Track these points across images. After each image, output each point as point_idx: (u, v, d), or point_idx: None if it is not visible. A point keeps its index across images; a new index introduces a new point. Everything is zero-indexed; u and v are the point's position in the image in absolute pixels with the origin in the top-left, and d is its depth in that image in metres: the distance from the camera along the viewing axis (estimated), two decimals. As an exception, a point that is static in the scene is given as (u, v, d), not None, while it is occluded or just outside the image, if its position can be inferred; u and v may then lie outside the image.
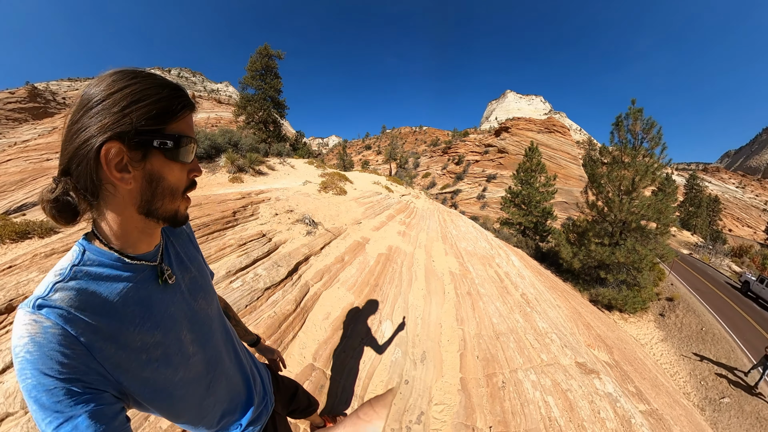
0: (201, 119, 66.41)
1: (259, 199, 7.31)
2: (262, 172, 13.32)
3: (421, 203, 16.81)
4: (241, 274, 4.18)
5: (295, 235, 6.08)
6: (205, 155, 12.30)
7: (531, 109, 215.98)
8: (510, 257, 11.22)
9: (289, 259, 5.05)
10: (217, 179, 11.08)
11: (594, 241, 17.86)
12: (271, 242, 5.39)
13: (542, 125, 59.19)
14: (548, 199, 26.66)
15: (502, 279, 8.16)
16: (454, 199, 55.89)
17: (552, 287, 12.29)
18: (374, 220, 9.35)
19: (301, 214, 7.15)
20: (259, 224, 5.96)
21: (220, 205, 6.07)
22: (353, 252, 6.44)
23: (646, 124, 16.94)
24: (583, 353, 5.97)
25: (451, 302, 5.69)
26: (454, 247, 9.37)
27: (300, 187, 10.43)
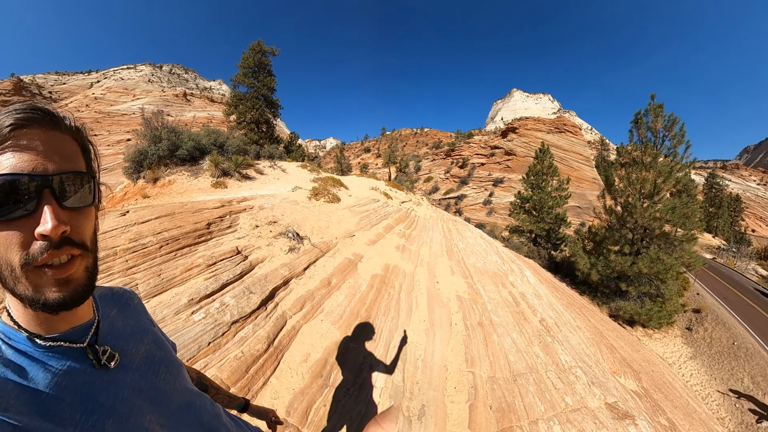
0: (191, 118, 66.48)
1: (239, 208, 6.97)
2: (250, 177, 12.99)
3: (423, 211, 16.30)
4: (206, 303, 3.84)
5: (276, 252, 5.68)
6: (188, 157, 11.82)
7: (539, 108, 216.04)
8: (524, 272, 10.69)
9: (265, 284, 4.63)
10: (199, 184, 10.67)
11: (613, 250, 17.30)
12: (247, 261, 4.98)
13: (552, 125, 58.97)
14: (561, 204, 26.14)
15: (518, 302, 7.64)
16: (459, 204, 55.54)
17: (569, 304, 11.75)
18: (369, 232, 8.86)
19: (285, 226, 6.75)
20: (236, 238, 5.63)
21: (195, 215, 5.75)
22: (343, 273, 5.97)
23: (667, 121, 16.46)
24: (611, 389, 5.45)
25: (459, 337, 5.16)
26: (461, 264, 8.85)
27: (288, 194, 10.07)
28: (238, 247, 5.25)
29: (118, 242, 4.40)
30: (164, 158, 11.29)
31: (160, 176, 10.56)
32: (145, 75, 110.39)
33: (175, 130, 12.27)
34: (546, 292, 10.02)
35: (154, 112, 12.99)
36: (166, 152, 11.28)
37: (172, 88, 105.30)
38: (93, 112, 61.61)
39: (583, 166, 54.18)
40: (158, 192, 9.72)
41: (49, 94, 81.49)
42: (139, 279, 3.88)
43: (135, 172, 10.82)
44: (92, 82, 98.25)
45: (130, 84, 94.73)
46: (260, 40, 29.85)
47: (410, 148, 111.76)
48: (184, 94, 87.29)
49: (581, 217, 48.27)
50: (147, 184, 10.25)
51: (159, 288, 3.84)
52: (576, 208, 48.03)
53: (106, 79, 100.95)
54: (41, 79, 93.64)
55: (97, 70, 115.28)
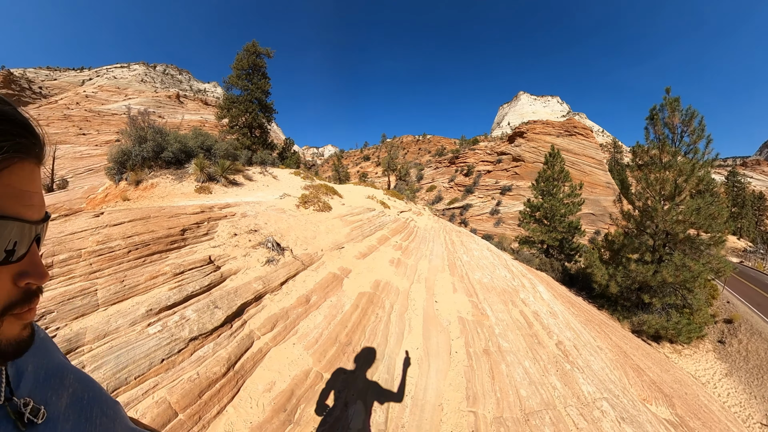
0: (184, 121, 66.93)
1: (220, 215, 6.88)
2: (237, 183, 12.91)
3: (424, 221, 15.83)
4: (165, 315, 3.73)
5: (252, 264, 5.47)
6: (173, 160, 11.80)
7: (547, 111, 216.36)
8: (537, 287, 10.08)
9: (234, 298, 4.43)
10: (182, 188, 10.55)
11: (633, 259, 16.66)
12: (218, 272, 4.84)
13: (562, 128, 58.72)
14: (574, 211, 25.50)
15: (531, 322, 7.05)
16: (464, 215, 54.97)
17: (588, 321, 11.15)
18: (361, 244, 8.46)
19: (266, 236, 6.58)
20: (211, 247, 5.54)
21: (171, 220, 5.69)
22: (324, 290, 5.64)
23: (685, 115, 15.94)
24: (644, 423, 4.88)
25: (460, 368, 4.59)
26: (465, 279, 8.31)
27: (275, 202, 9.98)
28: (211, 257, 5.14)
29: (85, 244, 4.35)
30: (148, 160, 11.29)
31: (143, 179, 10.53)
32: (138, 74, 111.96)
33: (162, 131, 12.27)
34: (561, 309, 9.41)
35: (141, 111, 13.09)
36: (150, 154, 11.27)
37: (165, 89, 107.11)
38: (83, 110, 61.93)
39: (596, 170, 53.72)
40: (139, 195, 9.67)
41: (39, 89, 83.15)
42: (100, 284, 3.80)
43: (117, 173, 10.76)
44: (84, 79, 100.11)
45: (122, 83, 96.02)
46: (255, 41, 30.00)
47: (412, 156, 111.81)
48: (177, 95, 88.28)
49: (596, 225, 47.64)
50: (129, 186, 10.21)
51: (120, 295, 3.76)
52: (590, 215, 47.41)
53: (98, 77, 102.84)
54: (32, 74, 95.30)
55: (90, 67, 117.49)
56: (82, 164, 35.75)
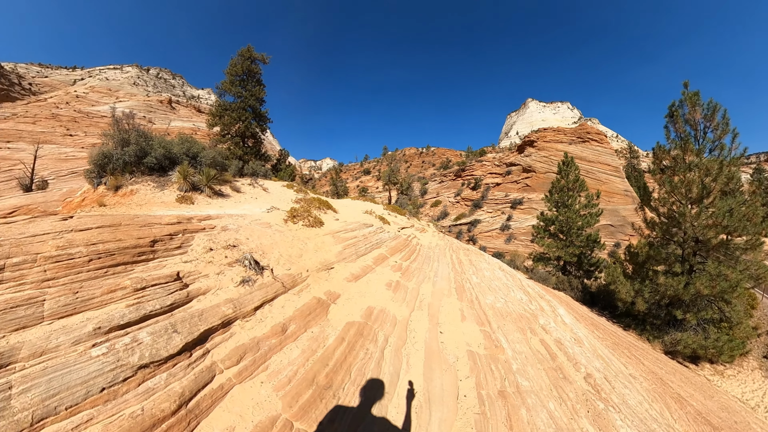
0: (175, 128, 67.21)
1: (198, 227, 6.68)
2: (223, 194, 12.72)
3: (428, 238, 15.26)
4: (115, 336, 3.46)
5: (225, 283, 5.16)
6: (156, 166, 11.72)
7: (557, 118, 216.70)
8: (557, 310, 9.38)
9: (197, 322, 4.11)
10: (163, 197, 10.36)
11: (661, 272, 15.85)
12: (185, 291, 4.58)
13: (574, 134, 58.47)
14: (592, 223, 24.74)
15: (554, 354, 6.36)
16: (472, 231, 54.34)
17: (615, 345, 10.42)
18: (354, 265, 7.90)
19: (246, 252, 6.25)
20: (181, 261, 5.32)
21: (142, 230, 5.50)
22: (305, 318, 5.12)
23: (707, 109, 15.30)
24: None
25: (470, 416, 3.92)
26: (475, 305, 7.67)
27: (261, 215, 9.74)
28: (179, 273, 4.94)
29: (43, 248, 4.18)
30: (130, 165, 11.27)
31: (122, 184, 10.44)
32: (131, 77, 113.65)
33: (146, 135, 12.35)
34: (586, 333, 8.71)
35: (126, 113, 13.16)
36: (132, 158, 11.26)
37: (158, 93, 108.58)
38: (72, 111, 62.13)
39: (613, 177, 53.14)
40: (117, 201, 9.56)
41: (29, 85, 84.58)
42: (50, 294, 3.58)
43: (97, 177, 10.68)
44: (76, 78, 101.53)
45: (114, 85, 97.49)
46: (250, 45, 30.25)
47: (415, 169, 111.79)
48: (169, 100, 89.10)
49: (615, 237, 46.88)
50: (108, 191, 10.12)
51: (70, 309, 3.53)
52: (608, 226, 46.66)
53: (90, 77, 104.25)
54: (23, 69, 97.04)
55: (83, 67, 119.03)
56: (66, 166, 35.86)
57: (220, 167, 14.61)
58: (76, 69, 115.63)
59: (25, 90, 79.65)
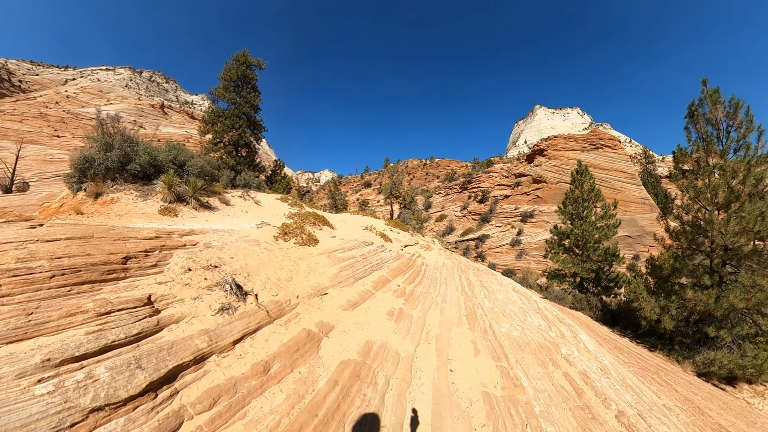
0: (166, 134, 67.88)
1: (177, 243, 6.46)
2: (210, 206, 12.63)
3: (434, 257, 14.99)
4: (67, 370, 3.13)
5: (202, 310, 4.87)
6: (140, 174, 11.76)
7: (567, 124, 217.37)
8: (578, 336, 9.02)
9: (165, 357, 3.80)
10: (145, 207, 10.25)
11: (688, 285, 15.46)
12: (155, 318, 4.29)
13: (586, 141, 58.44)
14: (610, 235, 24.40)
15: (580, 389, 6.01)
16: (480, 247, 53.96)
17: (643, 370, 10.07)
18: (351, 289, 7.60)
19: (229, 274, 5.97)
20: (156, 282, 5.08)
21: (115, 244, 5.32)
22: (292, 355, 4.76)
23: (729, 107, 15.12)
24: None
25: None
26: (489, 334, 7.36)
27: (250, 231, 9.52)
28: (151, 296, 4.67)
29: (3, 260, 3.98)
30: (113, 171, 11.22)
31: (103, 191, 10.42)
32: (123, 79, 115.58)
33: (131, 140, 12.21)
34: (611, 360, 8.35)
35: (112, 115, 13.13)
36: (116, 164, 11.22)
37: (150, 97, 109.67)
38: (61, 111, 63.02)
39: (629, 185, 52.94)
40: (96, 210, 9.44)
41: (18, 82, 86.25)
42: (1, 314, 3.34)
43: (78, 182, 10.64)
44: (67, 78, 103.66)
45: (106, 86, 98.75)
46: (245, 50, 30.54)
47: (418, 182, 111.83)
48: (161, 105, 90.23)
49: (633, 248, 46.44)
50: (87, 198, 10.08)
51: (20, 333, 3.27)
52: (625, 237, 46.25)
53: (82, 77, 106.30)
54: (13, 65, 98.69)
55: (75, 66, 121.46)
56: (51, 168, 36.30)
57: (210, 177, 14.59)
58: (68, 68, 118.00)
59: (15, 87, 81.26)
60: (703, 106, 15.81)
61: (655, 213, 49.43)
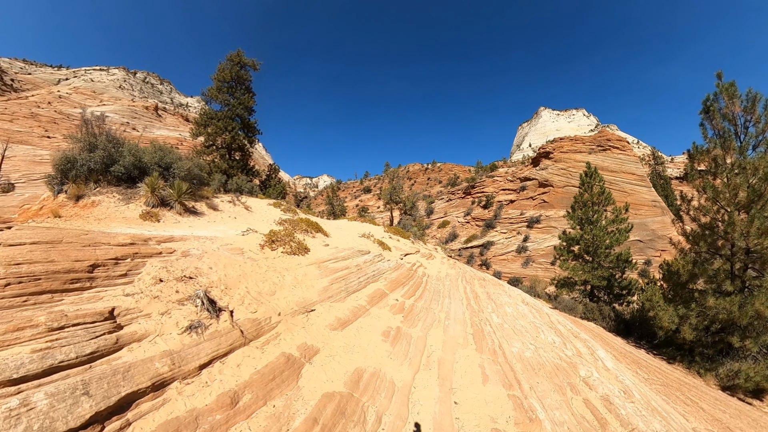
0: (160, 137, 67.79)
1: (153, 251, 6.19)
2: (196, 211, 12.31)
3: (436, 266, 14.48)
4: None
5: (168, 328, 4.47)
6: (125, 176, 11.62)
7: (572, 126, 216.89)
8: (596, 353, 8.39)
9: (119, 382, 3.39)
10: (127, 212, 10.01)
11: (709, 291, 14.85)
12: (114, 336, 3.91)
13: (593, 142, 58.14)
14: (622, 240, 23.81)
15: (604, 420, 5.39)
16: (485, 254, 53.38)
17: (664, 386, 9.52)
18: (342, 305, 7.08)
19: (204, 286, 5.58)
20: (123, 294, 4.79)
21: (84, 251, 5.06)
22: (267, 385, 4.24)
23: (746, 101, 14.72)
24: None
25: None
26: (498, 356, 6.80)
27: (235, 239, 9.20)
28: (115, 309, 4.34)
29: None
30: (96, 172, 11.07)
31: (84, 194, 10.25)
32: (117, 80, 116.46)
33: (116, 141, 12.21)
34: (632, 378, 7.75)
35: (97, 115, 13.17)
36: (99, 165, 11.08)
37: (144, 98, 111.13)
38: (53, 111, 63.51)
39: (639, 187, 52.56)
40: (75, 213, 9.19)
41: (11, 81, 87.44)
42: None
43: (59, 183, 10.49)
44: (60, 78, 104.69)
45: (99, 87, 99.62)
46: (240, 50, 30.49)
47: (420, 187, 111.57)
48: (155, 107, 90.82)
49: (645, 253, 45.90)
50: (68, 200, 9.88)
51: None
52: (636, 242, 45.64)
53: (75, 77, 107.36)
54: (5, 63, 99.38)
55: (68, 66, 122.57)
56: (40, 169, 36.02)
57: (198, 181, 14.32)
58: (62, 68, 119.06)
59: (7, 86, 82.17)
60: (719, 100, 15.41)
61: (666, 216, 48.95)
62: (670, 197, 67.53)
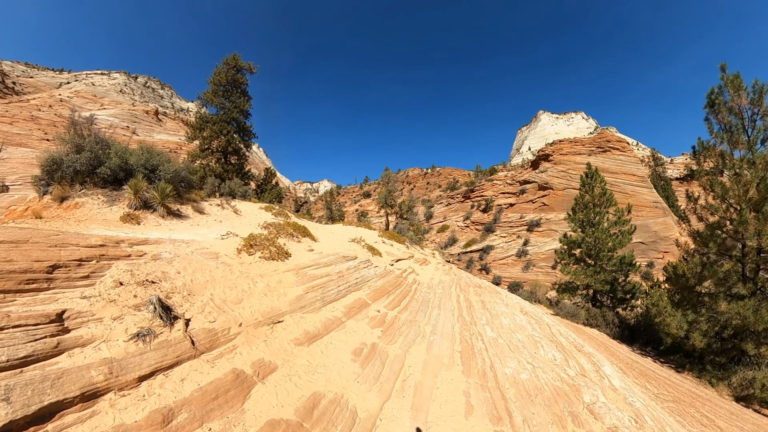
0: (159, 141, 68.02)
1: (122, 253, 5.94)
2: (180, 214, 12.14)
3: (429, 273, 13.75)
4: None
5: (116, 334, 4.18)
6: (111, 178, 11.48)
7: (571, 129, 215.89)
8: (601, 369, 7.51)
9: (44, 390, 3.14)
10: (108, 214, 9.83)
11: (722, 295, 13.99)
12: (55, 339, 3.69)
13: (593, 144, 57.65)
14: (625, 242, 23.00)
15: None
16: (484, 259, 52.65)
17: (677, 402, 8.79)
18: (315, 317, 6.36)
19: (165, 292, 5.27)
20: (79, 296, 4.57)
21: (48, 251, 4.89)
22: (207, 404, 3.72)
23: (753, 93, 14.01)
24: None
25: None
26: (488, 379, 5.97)
27: (213, 242, 8.87)
28: (65, 312, 4.12)
29: None
30: (82, 174, 10.97)
31: (69, 195, 10.15)
32: (118, 84, 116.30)
33: (103, 142, 12.09)
34: (642, 398, 6.92)
35: (86, 116, 13.15)
36: (85, 167, 10.97)
37: (145, 103, 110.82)
38: (53, 115, 63.85)
39: (640, 188, 51.93)
40: (57, 215, 9.10)
41: (12, 84, 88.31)
42: None
43: (45, 185, 10.49)
44: (62, 82, 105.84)
45: (100, 91, 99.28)
46: (236, 53, 30.45)
47: (420, 191, 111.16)
48: (155, 111, 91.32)
49: (647, 255, 45.12)
50: (53, 202, 9.82)
51: None
52: (638, 244, 44.85)
53: (76, 81, 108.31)
54: (7, 67, 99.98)
55: (70, 70, 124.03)
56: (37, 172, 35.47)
57: (186, 184, 14.11)
58: (63, 72, 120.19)
59: (8, 89, 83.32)
60: (724, 93, 14.70)
61: (668, 217, 48.29)
62: (671, 198, 67.08)
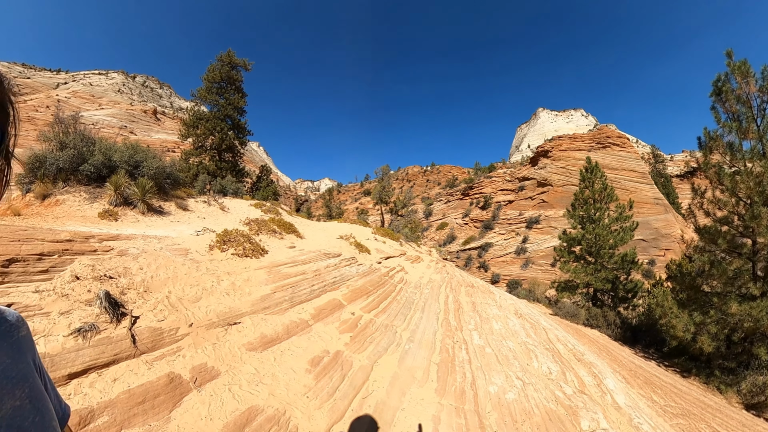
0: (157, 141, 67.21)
1: (88, 248, 5.80)
2: (162, 211, 11.94)
3: (419, 272, 13.04)
4: None
5: (59, 329, 3.89)
6: (95, 175, 11.38)
7: (571, 127, 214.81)
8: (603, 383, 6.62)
9: None
10: (87, 211, 9.67)
11: (732, 296, 13.14)
12: None
13: (592, 140, 56.93)
14: (626, 239, 22.18)
15: None
16: (483, 256, 51.96)
17: (685, 415, 8.00)
18: (279, 318, 5.74)
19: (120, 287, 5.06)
20: (33, 291, 4.40)
21: (9, 246, 4.81)
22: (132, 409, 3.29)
23: (762, 79, 13.12)
24: None
25: None
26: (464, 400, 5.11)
27: (186, 239, 8.58)
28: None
29: None
30: (66, 171, 10.87)
31: (51, 193, 10.11)
32: (116, 84, 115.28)
33: (87, 139, 12.08)
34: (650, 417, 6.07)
35: (72, 114, 13.38)
36: (68, 164, 10.87)
37: (143, 102, 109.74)
38: (49, 115, 63.53)
39: (641, 185, 51.24)
40: (36, 212, 9.06)
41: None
42: None
43: (29, 183, 10.41)
44: (59, 82, 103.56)
45: (98, 91, 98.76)
46: (230, 50, 30.06)
47: (419, 189, 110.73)
48: (154, 111, 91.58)
49: (648, 253, 44.36)
50: (35, 199, 9.80)
51: None
52: (639, 241, 44.08)
53: (74, 81, 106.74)
54: (4, 68, 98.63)
55: (67, 70, 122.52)
56: None
57: (173, 180, 13.87)
58: (60, 72, 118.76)
59: None
60: (731, 80, 13.81)
61: (669, 213, 47.59)
62: (671, 195, 66.50)
